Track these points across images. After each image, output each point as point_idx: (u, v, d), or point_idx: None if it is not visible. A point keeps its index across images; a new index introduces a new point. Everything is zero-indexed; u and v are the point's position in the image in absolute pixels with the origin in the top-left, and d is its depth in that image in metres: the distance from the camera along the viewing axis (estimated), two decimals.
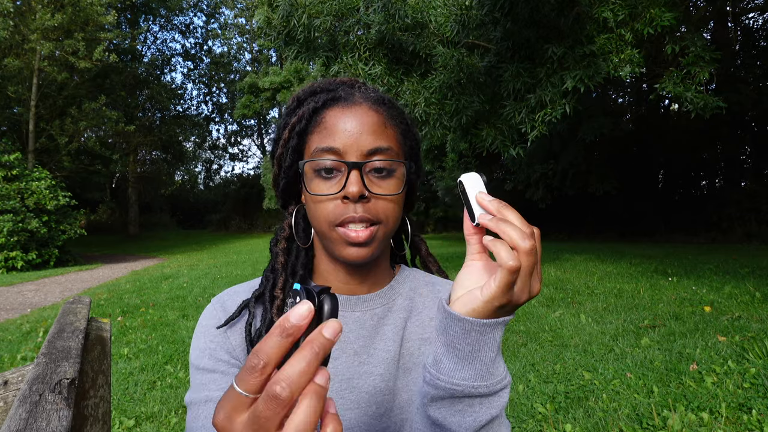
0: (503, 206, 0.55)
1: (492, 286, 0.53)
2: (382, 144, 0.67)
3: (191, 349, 0.72)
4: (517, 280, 0.52)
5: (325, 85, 0.74)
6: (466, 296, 0.57)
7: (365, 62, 6.54)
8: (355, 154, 0.66)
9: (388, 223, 0.69)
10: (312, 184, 0.68)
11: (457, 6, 6.07)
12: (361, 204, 0.66)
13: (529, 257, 0.51)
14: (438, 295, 0.78)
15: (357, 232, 0.65)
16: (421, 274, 0.82)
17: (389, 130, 0.70)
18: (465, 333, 0.56)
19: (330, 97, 0.70)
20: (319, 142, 0.68)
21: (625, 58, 5.56)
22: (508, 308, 0.55)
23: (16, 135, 16.62)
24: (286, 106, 0.76)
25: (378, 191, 0.67)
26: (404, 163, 0.70)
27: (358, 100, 0.70)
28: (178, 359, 4.03)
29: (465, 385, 0.57)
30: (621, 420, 2.51)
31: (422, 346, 0.74)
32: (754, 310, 4.35)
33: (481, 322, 0.55)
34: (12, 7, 13.88)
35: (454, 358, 0.57)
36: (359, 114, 0.68)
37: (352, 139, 0.66)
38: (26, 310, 6.67)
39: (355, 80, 0.77)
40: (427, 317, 0.77)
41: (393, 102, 0.74)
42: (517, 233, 0.52)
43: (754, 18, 12.95)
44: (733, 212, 11.33)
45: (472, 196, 0.57)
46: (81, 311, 1.15)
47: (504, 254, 0.51)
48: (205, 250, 17.22)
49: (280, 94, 24.96)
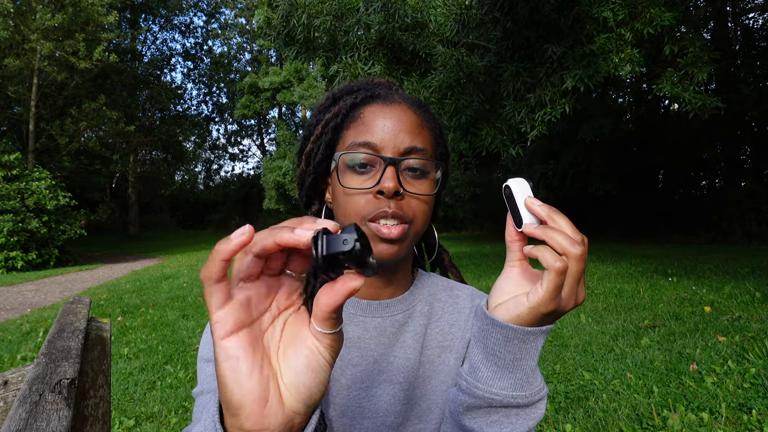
0: (554, 212, 0.53)
1: (539, 291, 0.52)
2: (418, 144, 0.67)
3: (201, 345, 0.71)
4: (564, 285, 0.51)
5: (363, 85, 0.74)
6: (510, 302, 0.55)
7: (365, 62, 6.54)
8: (392, 150, 0.66)
9: (419, 223, 0.68)
10: (345, 178, 0.67)
11: (457, 5, 6.07)
12: (395, 200, 0.65)
13: (579, 263, 0.50)
14: (457, 300, 0.77)
15: (389, 228, 0.64)
16: (439, 279, 0.81)
17: (425, 132, 0.70)
18: (507, 341, 0.54)
19: (369, 95, 0.71)
20: (356, 137, 0.67)
21: (625, 57, 5.56)
22: (553, 316, 0.53)
23: (16, 135, 16.63)
24: (319, 104, 0.75)
25: (412, 190, 0.66)
26: (439, 164, 0.70)
27: (397, 99, 0.70)
28: (178, 359, 4.03)
29: (504, 394, 0.55)
30: (621, 420, 2.51)
31: (442, 354, 0.73)
32: (754, 310, 4.35)
33: (525, 330, 0.53)
34: (12, 7, 13.88)
35: (493, 366, 0.55)
36: (398, 112, 0.68)
37: (389, 135, 0.66)
38: (26, 310, 6.67)
39: (393, 83, 0.77)
40: (446, 323, 0.75)
41: (429, 107, 0.75)
42: (566, 240, 0.50)
43: (754, 18, 12.96)
44: (733, 212, 11.32)
45: (520, 201, 0.56)
46: (81, 311, 1.15)
47: (550, 257, 0.50)
48: (205, 250, 17.22)
49: (280, 94, 24.97)
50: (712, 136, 12.47)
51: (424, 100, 4.82)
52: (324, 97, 0.75)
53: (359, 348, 0.71)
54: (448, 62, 6.20)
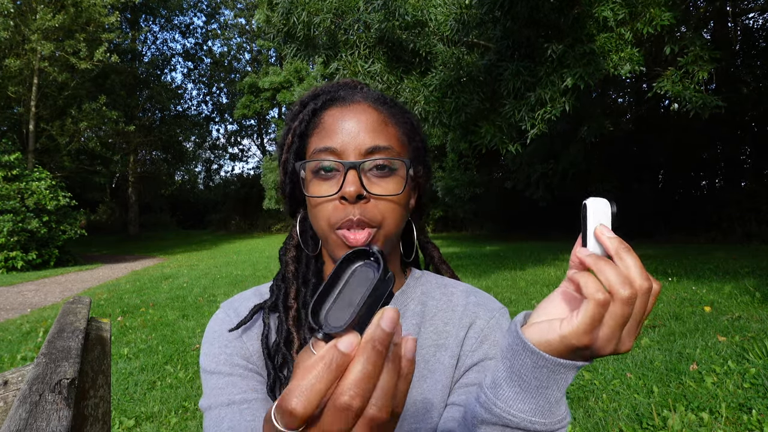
0: (624, 249, 0.47)
1: (574, 321, 0.47)
2: (381, 142, 0.66)
3: (202, 355, 0.71)
4: (603, 324, 0.46)
5: (327, 88, 0.73)
6: (544, 324, 0.51)
7: (365, 60, 6.54)
8: (354, 153, 0.65)
9: (389, 225, 0.66)
10: (311, 186, 0.67)
11: (457, 5, 6.06)
12: (360, 205, 0.64)
13: (625, 306, 0.45)
14: (451, 298, 0.76)
15: (355, 234, 0.63)
16: (433, 276, 0.80)
17: (390, 129, 0.68)
18: (535, 367, 0.50)
19: (329, 98, 0.70)
20: (318, 143, 0.67)
21: (625, 56, 5.56)
22: (587, 352, 0.48)
23: (16, 135, 16.63)
24: (291, 110, 0.75)
25: (378, 191, 0.65)
26: (405, 161, 0.67)
27: (358, 99, 0.69)
28: (178, 359, 4.03)
29: (522, 418, 0.52)
30: (621, 420, 2.51)
31: (437, 353, 0.72)
32: (754, 310, 4.35)
33: (556, 361, 0.49)
34: (13, 8, 13.88)
35: (516, 387, 0.52)
36: (357, 112, 0.67)
37: (349, 137, 0.65)
38: (26, 310, 6.67)
39: (358, 82, 0.76)
40: (440, 321, 0.74)
41: (396, 102, 0.73)
42: (618, 278, 0.45)
43: (754, 18, 12.95)
44: (733, 212, 11.32)
45: (591, 226, 0.50)
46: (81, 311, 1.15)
47: (592, 286, 0.46)
48: (205, 250, 17.22)
49: (280, 94, 24.97)
50: (712, 136, 12.47)
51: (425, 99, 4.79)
52: (295, 104, 0.74)
53: None
54: (448, 61, 6.21)
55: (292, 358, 0.67)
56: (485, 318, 0.74)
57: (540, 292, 5.93)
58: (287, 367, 0.67)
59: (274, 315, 0.72)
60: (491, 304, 0.76)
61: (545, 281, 6.69)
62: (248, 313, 0.71)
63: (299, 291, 0.72)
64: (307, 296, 0.72)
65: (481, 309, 0.75)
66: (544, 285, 6.41)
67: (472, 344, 0.72)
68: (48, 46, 14.44)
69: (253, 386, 0.67)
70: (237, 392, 0.66)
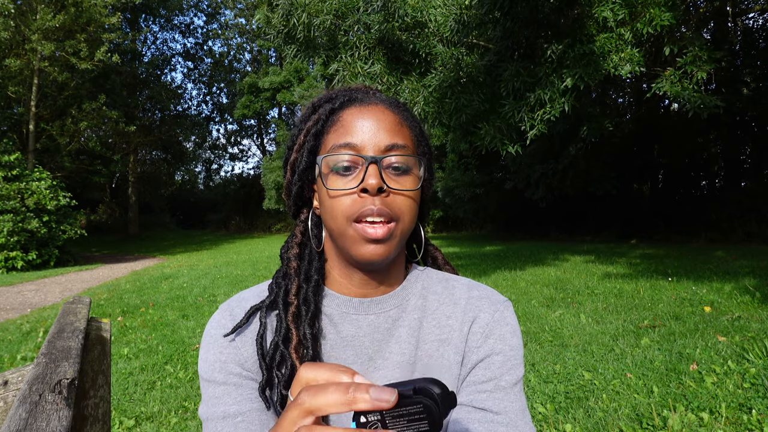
0: None
1: None
2: (399, 141, 0.68)
3: (200, 361, 0.71)
4: None
5: (341, 92, 0.75)
6: None
7: (364, 61, 6.55)
8: (373, 149, 0.66)
9: (405, 220, 0.68)
10: (329, 180, 0.68)
11: (457, 5, 6.07)
12: (379, 198, 0.65)
13: None
14: (453, 291, 0.76)
15: (375, 228, 0.64)
16: (433, 272, 0.80)
17: (405, 130, 0.71)
18: None
19: (347, 99, 0.72)
20: (337, 140, 0.68)
21: (624, 57, 5.56)
22: None
23: (16, 135, 16.63)
24: (301, 114, 0.76)
25: (396, 186, 0.66)
26: (421, 159, 0.70)
27: (374, 101, 0.71)
28: (178, 359, 4.04)
29: None
30: (621, 420, 2.51)
31: (440, 348, 0.72)
32: (754, 310, 4.35)
33: None
34: (13, 8, 13.88)
35: None
36: (376, 112, 0.69)
37: (369, 134, 0.67)
38: (26, 310, 6.68)
39: (371, 87, 0.78)
40: (443, 315, 0.74)
41: (408, 108, 0.76)
42: None
43: (754, 18, 12.95)
44: (733, 212, 11.32)
45: None
46: (81, 311, 1.15)
47: None
48: (205, 250, 17.23)
49: (280, 94, 25.00)
50: (712, 136, 12.47)
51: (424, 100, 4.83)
52: (305, 108, 0.76)
53: (354, 346, 0.71)
54: (447, 62, 6.21)
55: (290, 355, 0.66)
56: (489, 311, 0.73)
57: (540, 292, 5.94)
58: (285, 365, 0.66)
59: (273, 313, 0.71)
60: (495, 297, 0.76)
61: (545, 281, 6.69)
62: (244, 316, 0.70)
63: (300, 288, 0.72)
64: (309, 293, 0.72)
65: (484, 302, 0.74)
66: (544, 285, 6.41)
67: (476, 339, 0.72)
68: (48, 46, 14.44)
69: (247, 395, 0.67)
70: (232, 403, 0.66)
